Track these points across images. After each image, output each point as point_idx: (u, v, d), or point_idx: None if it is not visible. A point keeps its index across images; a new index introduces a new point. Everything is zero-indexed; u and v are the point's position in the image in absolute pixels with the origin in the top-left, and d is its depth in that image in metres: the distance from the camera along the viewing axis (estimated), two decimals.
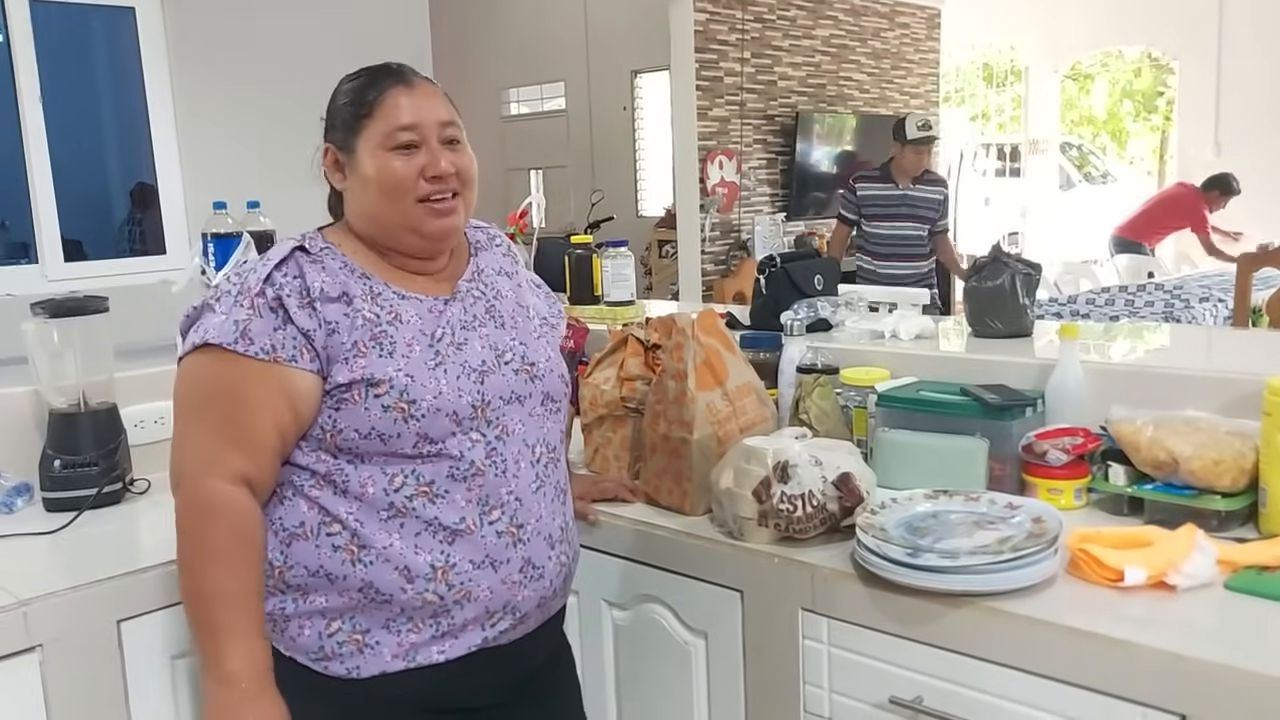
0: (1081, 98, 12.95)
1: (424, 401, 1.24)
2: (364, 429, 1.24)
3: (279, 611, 1.27)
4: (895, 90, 7.60)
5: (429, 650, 1.27)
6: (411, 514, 1.25)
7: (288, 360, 1.23)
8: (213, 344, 1.23)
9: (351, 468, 1.26)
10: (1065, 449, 1.56)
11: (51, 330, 1.84)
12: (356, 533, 1.24)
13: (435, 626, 1.26)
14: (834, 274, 2.40)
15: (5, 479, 1.84)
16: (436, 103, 1.33)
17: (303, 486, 1.27)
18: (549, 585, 1.34)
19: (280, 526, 1.27)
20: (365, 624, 1.26)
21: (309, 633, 1.26)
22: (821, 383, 1.79)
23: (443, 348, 1.29)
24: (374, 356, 1.25)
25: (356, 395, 1.23)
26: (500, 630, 1.30)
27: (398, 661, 1.26)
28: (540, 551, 1.32)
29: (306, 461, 1.27)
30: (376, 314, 1.28)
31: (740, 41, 6.23)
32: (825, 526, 1.46)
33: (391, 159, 1.29)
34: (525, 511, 1.31)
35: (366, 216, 1.33)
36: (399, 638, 1.26)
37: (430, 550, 1.25)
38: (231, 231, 2.23)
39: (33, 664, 1.38)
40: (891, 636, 1.33)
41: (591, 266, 2.58)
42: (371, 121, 1.30)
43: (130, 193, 4.78)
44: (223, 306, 1.26)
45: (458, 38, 7.95)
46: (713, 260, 6.27)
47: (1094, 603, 1.24)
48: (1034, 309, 2.05)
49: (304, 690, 1.27)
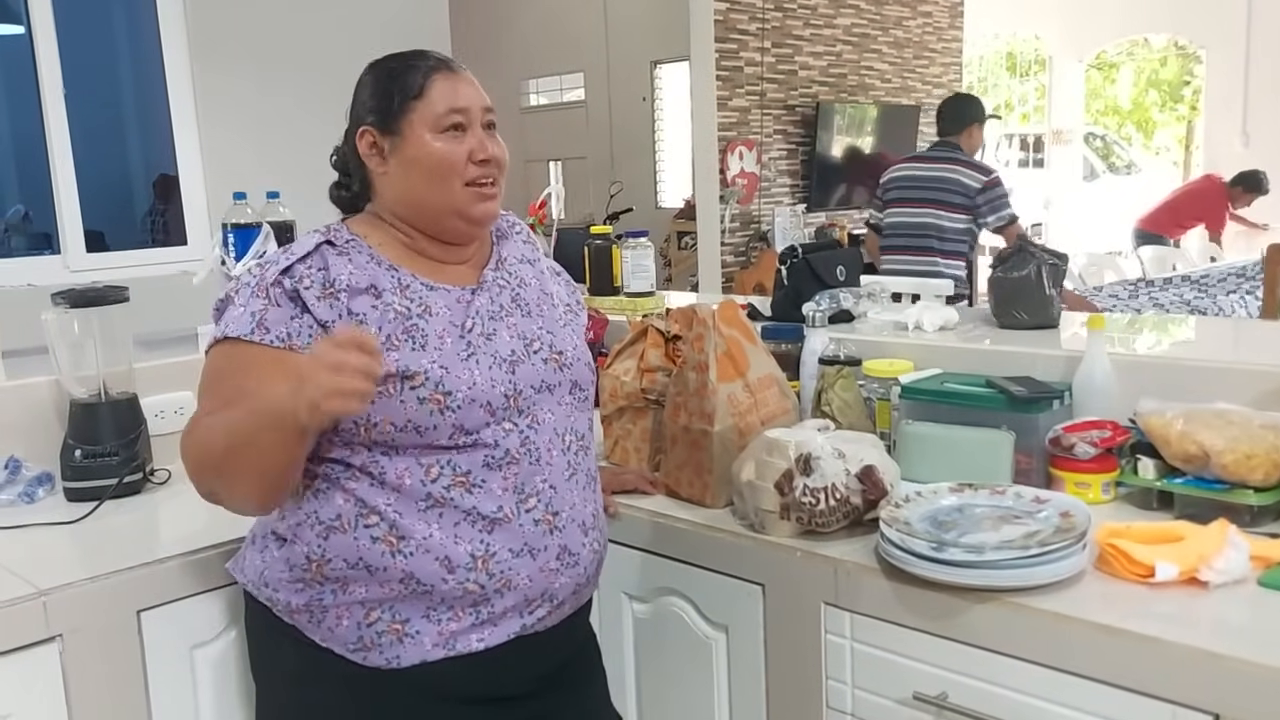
0: (1106, 87, 12.82)
1: (459, 393, 1.24)
2: (400, 422, 1.23)
3: (316, 603, 1.27)
4: (917, 80, 7.54)
5: (468, 638, 1.27)
6: (450, 504, 1.25)
7: (302, 348, 1.23)
8: (231, 336, 1.24)
9: (387, 459, 1.25)
10: (1093, 442, 1.53)
11: (72, 320, 1.85)
12: (395, 524, 1.24)
13: (475, 615, 1.27)
14: (856, 265, 2.38)
15: (27, 469, 1.85)
16: (477, 89, 1.35)
17: (338, 479, 1.27)
18: (583, 572, 1.35)
19: (316, 519, 1.27)
20: (405, 613, 1.26)
21: (347, 623, 1.26)
22: (844, 374, 1.77)
23: (474, 338, 1.29)
24: (407, 349, 1.24)
25: (391, 388, 1.23)
26: (538, 617, 1.31)
27: (438, 650, 1.26)
28: (575, 538, 1.33)
29: (341, 454, 1.27)
30: (407, 307, 1.27)
31: (761, 31, 6.19)
32: (848, 520, 1.44)
33: (441, 141, 1.30)
34: (560, 499, 1.31)
35: (408, 200, 1.32)
36: (439, 626, 1.26)
37: (470, 540, 1.25)
38: (251, 222, 2.22)
39: (53, 654, 1.39)
40: (916, 631, 1.31)
41: (611, 257, 2.56)
42: (420, 103, 1.30)
43: (153, 184, 4.81)
44: (241, 299, 1.27)
45: (477, 28, 7.93)
46: (732, 251, 6.24)
47: (1123, 599, 1.22)
48: (1060, 300, 2.02)
49: (341, 680, 1.27)
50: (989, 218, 3.85)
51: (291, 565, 1.27)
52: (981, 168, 3.90)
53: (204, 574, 1.51)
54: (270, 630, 1.32)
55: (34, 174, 3.86)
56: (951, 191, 3.86)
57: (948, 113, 4.09)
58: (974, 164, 3.90)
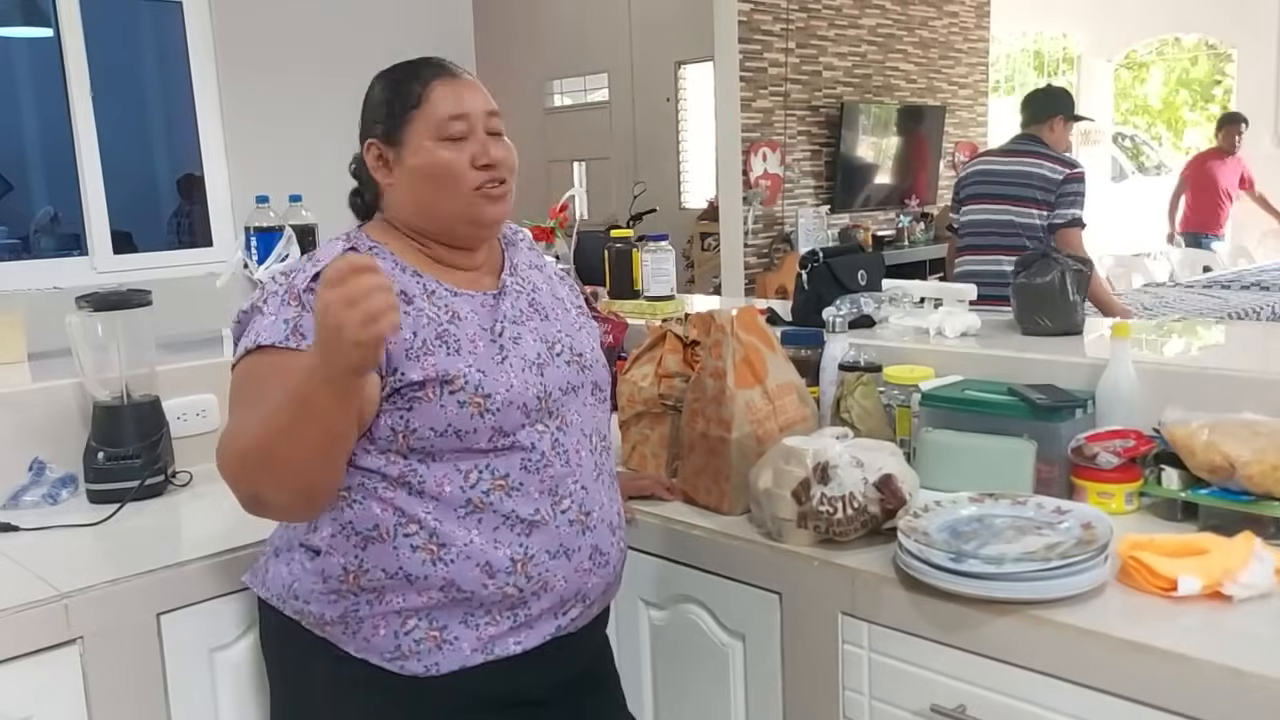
0: (1136, 86, 12.68)
1: (498, 395, 1.25)
2: (440, 426, 1.23)
3: (352, 614, 1.26)
4: (943, 80, 7.48)
5: (506, 642, 1.27)
6: (489, 508, 1.25)
7: None
8: (265, 345, 1.21)
9: (425, 467, 1.25)
10: (1116, 451, 1.51)
11: (95, 323, 1.86)
12: (435, 531, 1.24)
13: (513, 618, 1.27)
14: (878, 269, 2.36)
15: (51, 470, 1.86)
16: (480, 93, 1.34)
17: (375, 489, 1.26)
18: (613, 571, 1.36)
19: (352, 530, 1.26)
20: (443, 620, 1.25)
21: (384, 632, 1.26)
22: (864, 381, 1.75)
23: (504, 342, 1.30)
24: (442, 355, 1.24)
25: (431, 393, 1.23)
26: (571, 618, 1.32)
27: (476, 655, 1.26)
28: (605, 538, 1.34)
29: (376, 465, 1.26)
30: (436, 313, 1.27)
31: (785, 32, 6.17)
32: (866, 529, 1.43)
33: (443, 149, 1.29)
34: (590, 499, 1.32)
35: (417, 210, 1.32)
36: (477, 632, 1.26)
37: (509, 544, 1.25)
38: (273, 225, 2.24)
39: (73, 656, 1.40)
40: (934, 643, 1.30)
41: (631, 260, 2.56)
42: (420, 113, 1.29)
43: (177, 183, 4.85)
44: (270, 307, 1.24)
45: (501, 29, 7.95)
46: (755, 253, 6.22)
47: (1146, 613, 1.20)
48: (1084, 306, 2.00)
49: (378, 691, 1.26)
50: (1053, 210, 3.48)
51: (326, 577, 1.26)
52: (1065, 160, 3.56)
53: (224, 577, 1.51)
54: (298, 644, 1.30)
55: (62, 176, 3.90)
56: (1033, 186, 3.51)
57: (1030, 104, 3.76)
58: (1057, 156, 3.56)
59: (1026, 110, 3.73)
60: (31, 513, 1.77)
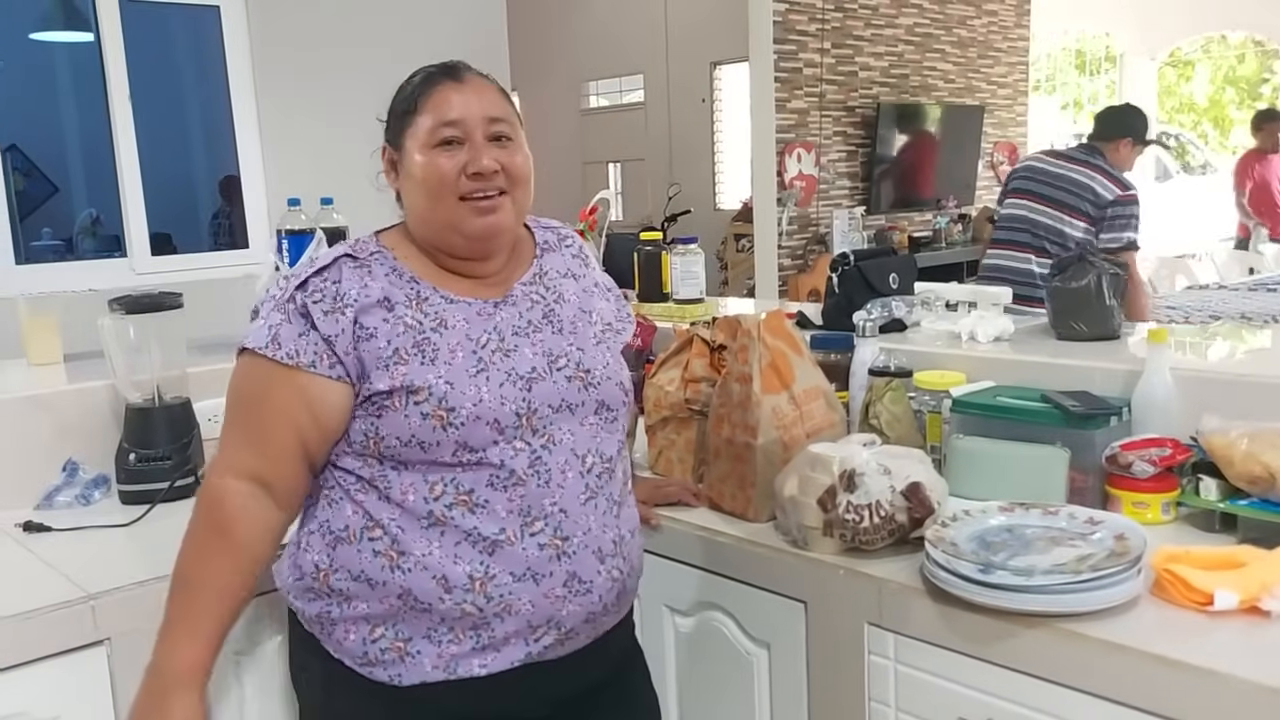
0: (1181, 85, 12.46)
1: (463, 409, 1.22)
2: (404, 436, 1.22)
3: (325, 615, 1.28)
4: (982, 80, 7.40)
5: (469, 662, 1.24)
6: (450, 523, 1.23)
7: (308, 366, 1.23)
8: (249, 348, 1.26)
9: (395, 474, 1.25)
10: (1152, 460, 1.48)
11: (128, 326, 1.88)
12: (397, 539, 1.23)
13: (476, 638, 1.24)
14: (910, 272, 2.33)
15: (84, 471, 1.89)
16: (487, 99, 1.30)
17: (349, 489, 1.27)
18: (598, 601, 1.28)
19: (327, 529, 1.27)
20: (407, 632, 1.25)
21: (354, 638, 1.26)
22: (893, 386, 1.73)
23: (486, 354, 1.27)
24: (415, 364, 1.23)
25: (397, 403, 1.22)
26: (545, 645, 1.26)
27: (437, 672, 1.24)
28: (588, 565, 1.27)
29: (353, 466, 1.27)
30: (420, 320, 1.26)
31: (820, 32, 6.12)
32: (893, 538, 1.41)
33: (435, 156, 1.27)
34: (571, 524, 1.26)
35: (416, 216, 1.32)
36: (439, 648, 1.24)
37: (469, 560, 1.23)
38: (305, 228, 2.25)
39: (100, 657, 1.41)
40: (961, 655, 1.28)
41: (660, 263, 2.54)
42: (416, 118, 1.28)
43: (218, 184, 4.90)
44: (264, 311, 1.28)
45: (537, 31, 7.98)
46: (790, 255, 6.18)
47: (1180, 628, 1.17)
48: (1121, 310, 1.95)
49: (353, 693, 1.27)
50: (1105, 234, 3.36)
51: (303, 573, 1.28)
52: (1120, 180, 3.43)
53: None
54: (300, 637, 1.34)
55: (103, 179, 3.96)
56: (1083, 198, 3.39)
57: (1104, 119, 3.65)
58: (1113, 174, 3.44)
59: (1099, 124, 3.63)
60: (64, 513, 1.79)
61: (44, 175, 5.26)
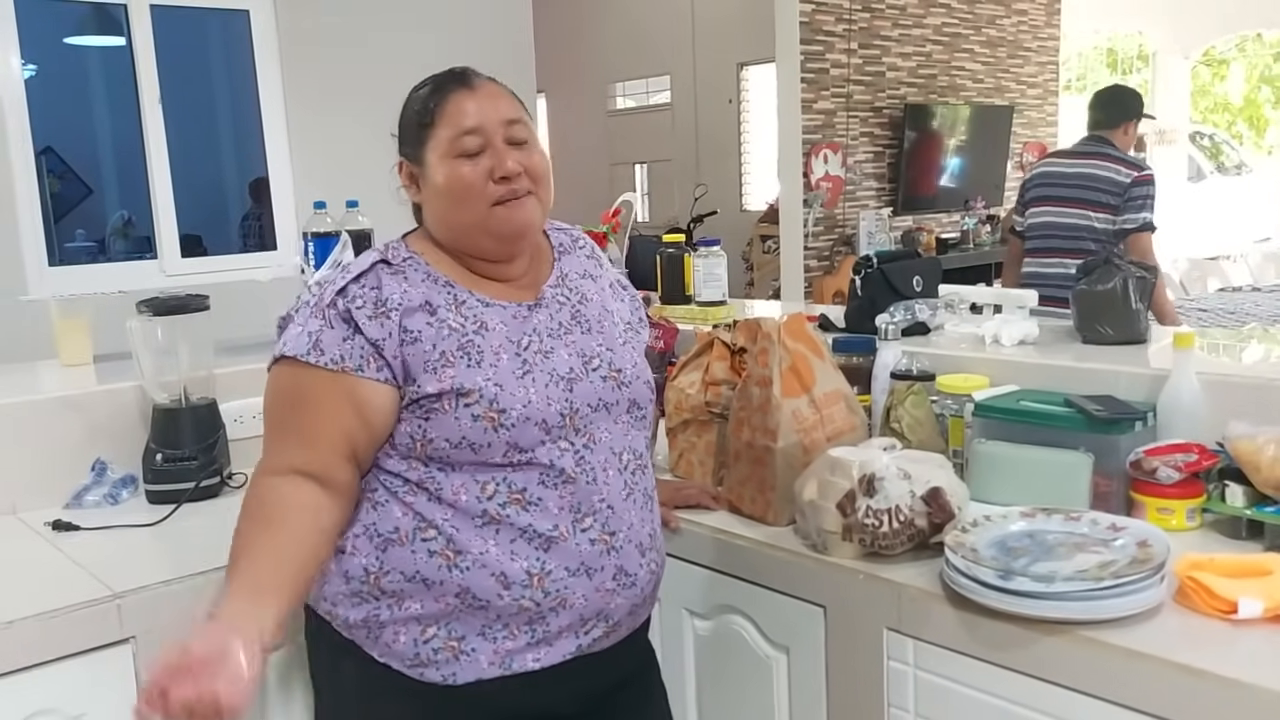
0: (1215, 84, 12.30)
1: (513, 411, 1.24)
2: (454, 438, 1.23)
3: (374, 618, 1.27)
4: (1011, 79, 7.34)
5: (524, 657, 1.26)
6: (506, 521, 1.24)
7: (354, 370, 1.24)
8: (288, 355, 1.26)
9: (443, 475, 1.26)
10: (1177, 466, 1.46)
11: (155, 328, 1.90)
12: (452, 538, 1.24)
13: (531, 633, 1.26)
14: (934, 275, 2.31)
15: (113, 471, 1.91)
16: (500, 103, 1.31)
17: (397, 491, 1.27)
18: (640, 592, 1.33)
19: (375, 532, 1.27)
20: (461, 630, 1.25)
21: (404, 639, 1.26)
22: (915, 390, 1.72)
23: (530, 356, 1.28)
24: (462, 366, 1.24)
25: (446, 405, 1.23)
26: (594, 638, 1.30)
27: (493, 668, 1.25)
28: (632, 559, 1.31)
29: (398, 468, 1.28)
30: (461, 323, 1.27)
31: (847, 32, 6.10)
32: (913, 543, 1.40)
33: (458, 165, 1.28)
34: (617, 519, 1.29)
35: (443, 224, 1.33)
36: (495, 644, 1.25)
37: (526, 557, 1.24)
38: (330, 231, 2.27)
39: (126, 656, 1.43)
40: (981, 662, 1.27)
41: (683, 265, 2.54)
42: (435, 130, 1.29)
43: (249, 185, 4.95)
44: (300, 318, 1.29)
45: (564, 33, 8.00)
46: (816, 256, 6.16)
47: (1203, 636, 1.16)
48: (1148, 314, 1.93)
49: (401, 696, 1.27)
50: (1121, 215, 3.38)
51: (349, 578, 1.28)
52: (1134, 163, 3.49)
53: None
54: (331, 646, 1.32)
55: (135, 181, 4.02)
56: (1101, 190, 3.43)
57: (1104, 105, 3.64)
58: (1126, 159, 3.48)
59: (1100, 111, 3.63)
60: (93, 512, 1.82)
61: (78, 177, 5.33)
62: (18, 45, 3.52)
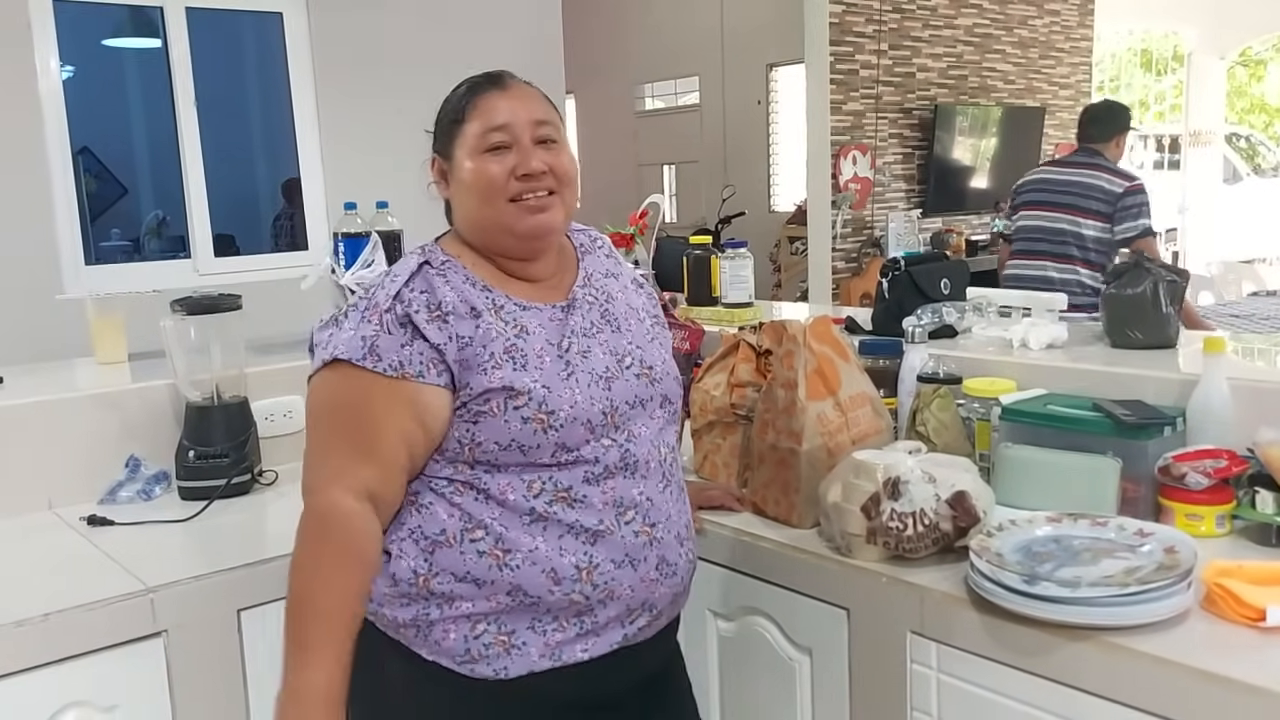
0: (1252, 84, 12.13)
1: (561, 411, 1.25)
2: (504, 441, 1.24)
3: (423, 618, 1.27)
4: (1043, 81, 7.28)
5: (573, 649, 1.28)
6: (553, 518, 1.26)
7: (415, 376, 1.23)
8: (342, 359, 1.24)
9: (489, 476, 1.27)
10: (1206, 472, 1.45)
11: (188, 327, 1.94)
12: (501, 537, 1.25)
13: (579, 625, 1.28)
14: (962, 277, 2.30)
15: (146, 467, 1.95)
16: (532, 103, 1.33)
17: (443, 493, 1.28)
18: (681, 581, 1.36)
19: (421, 535, 1.28)
20: (511, 625, 1.27)
21: (454, 636, 1.27)
22: (941, 394, 1.71)
23: (571, 357, 1.30)
24: (509, 369, 1.25)
25: (496, 408, 1.24)
26: (639, 627, 1.32)
27: (544, 660, 1.27)
28: (672, 549, 1.33)
29: (444, 472, 1.28)
30: (503, 329, 1.28)
31: (877, 34, 6.08)
32: (938, 546, 1.40)
33: (485, 161, 1.30)
34: (656, 511, 1.32)
35: (468, 221, 1.34)
36: (544, 638, 1.27)
37: (574, 552, 1.26)
38: (361, 231, 2.29)
39: (158, 648, 1.46)
40: (1005, 666, 1.27)
41: (709, 267, 2.55)
42: (465, 126, 1.31)
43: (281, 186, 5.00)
44: (350, 322, 1.27)
45: (593, 34, 8.02)
46: (844, 258, 6.14)
47: (1230, 644, 1.15)
48: (1179, 318, 1.92)
49: (449, 692, 1.28)
50: (1120, 225, 3.57)
51: (396, 580, 1.27)
52: (1125, 174, 3.67)
53: None
54: (372, 643, 1.30)
55: (170, 180, 4.07)
56: (1092, 198, 3.62)
57: (1096, 119, 3.85)
58: (1117, 170, 3.68)
59: (1091, 126, 3.83)
60: (127, 508, 1.85)
61: (114, 177, 5.40)
62: (56, 47, 3.58)
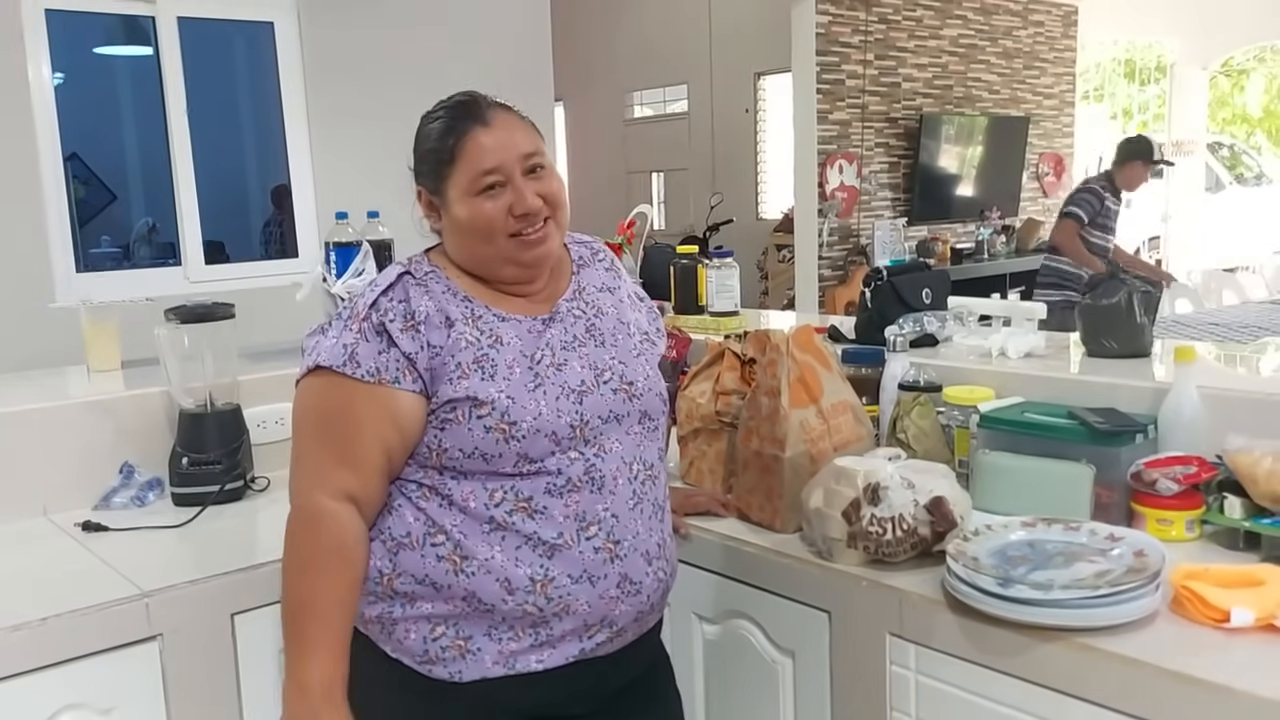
0: (1234, 94, 12.24)
1: (524, 423, 1.28)
2: (467, 448, 1.28)
3: (387, 615, 1.32)
4: (1027, 90, 7.36)
5: (528, 659, 1.30)
6: (511, 528, 1.29)
7: (391, 382, 1.28)
8: (324, 366, 1.29)
9: (454, 482, 1.30)
10: (1177, 478, 1.49)
11: (182, 335, 1.96)
12: (460, 544, 1.29)
13: (534, 636, 1.30)
14: (944, 287, 2.35)
15: (140, 474, 1.97)
16: (517, 135, 1.34)
17: (410, 497, 1.32)
18: (646, 600, 1.36)
19: (389, 536, 1.32)
20: (468, 630, 1.30)
21: (415, 636, 1.31)
22: (921, 401, 1.76)
23: (542, 369, 1.33)
24: (476, 379, 1.29)
25: (460, 415, 1.28)
26: (598, 642, 1.33)
27: (497, 668, 1.30)
28: (637, 567, 1.34)
29: (414, 476, 1.32)
30: (477, 337, 1.31)
31: (863, 43, 6.14)
32: (916, 550, 1.44)
33: (479, 203, 1.32)
34: (622, 528, 1.33)
35: (464, 254, 1.37)
36: (499, 645, 1.30)
37: (530, 563, 1.28)
38: (352, 240, 2.32)
39: (153, 652, 1.48)
40: (981, 667, 1.30)
41: (696, 276, 2.59)
42: (455, 168, 1.33)
43: (271, 192, 5.02)
44: (334, 330, 1.32)
45: (582, 42, 8.06)
46: (830, 265, 6.19)
47: (1196, 644, 1.19)
48: (1153, 328, 1.96)
49: (410, 691, 1.32)
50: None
51: (365, 578, 1.32)
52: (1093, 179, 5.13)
53: None
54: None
55: (160, 188, 4.09)
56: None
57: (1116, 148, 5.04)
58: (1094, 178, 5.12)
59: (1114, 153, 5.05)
60: (121, 514, 1.87)
61: (103, 184, 5.41)
62: (49, 55, 3.59)
